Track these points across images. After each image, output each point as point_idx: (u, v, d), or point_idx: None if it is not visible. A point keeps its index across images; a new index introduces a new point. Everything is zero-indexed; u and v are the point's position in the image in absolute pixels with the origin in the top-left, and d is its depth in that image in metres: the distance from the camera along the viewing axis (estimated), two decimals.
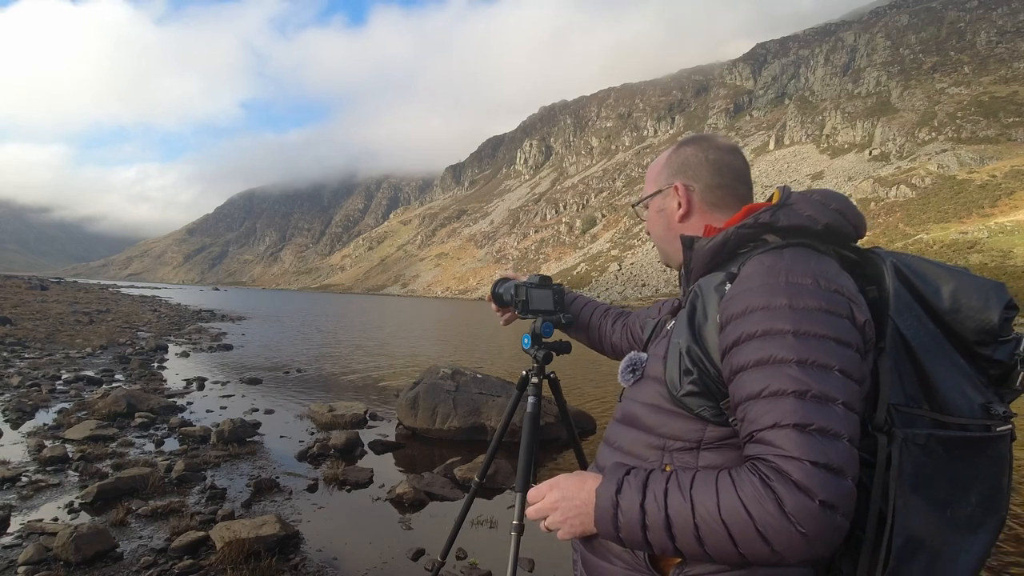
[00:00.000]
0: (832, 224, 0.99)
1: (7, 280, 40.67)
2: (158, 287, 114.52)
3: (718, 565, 0.88)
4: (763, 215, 1.01)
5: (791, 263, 0.92)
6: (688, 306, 1.01)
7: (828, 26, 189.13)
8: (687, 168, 1.17)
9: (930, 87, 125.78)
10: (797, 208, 1.01)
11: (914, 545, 0.86)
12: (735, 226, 1.02)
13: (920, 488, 0.87)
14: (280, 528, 3.39)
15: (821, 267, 0.92)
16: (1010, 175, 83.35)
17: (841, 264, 0.98)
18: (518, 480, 1.98)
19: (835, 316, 0.87)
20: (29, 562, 2.94)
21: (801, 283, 0.89)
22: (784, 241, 0.98)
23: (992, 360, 0.95)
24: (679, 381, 0.96)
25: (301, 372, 10.97)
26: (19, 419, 5.98)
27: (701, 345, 0.95)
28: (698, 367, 0.95)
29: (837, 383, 0.83)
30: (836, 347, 0.85)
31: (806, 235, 0.99)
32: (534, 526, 1.08)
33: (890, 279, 0.96)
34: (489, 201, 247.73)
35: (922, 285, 0.96)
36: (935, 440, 0.89)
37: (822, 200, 1.02)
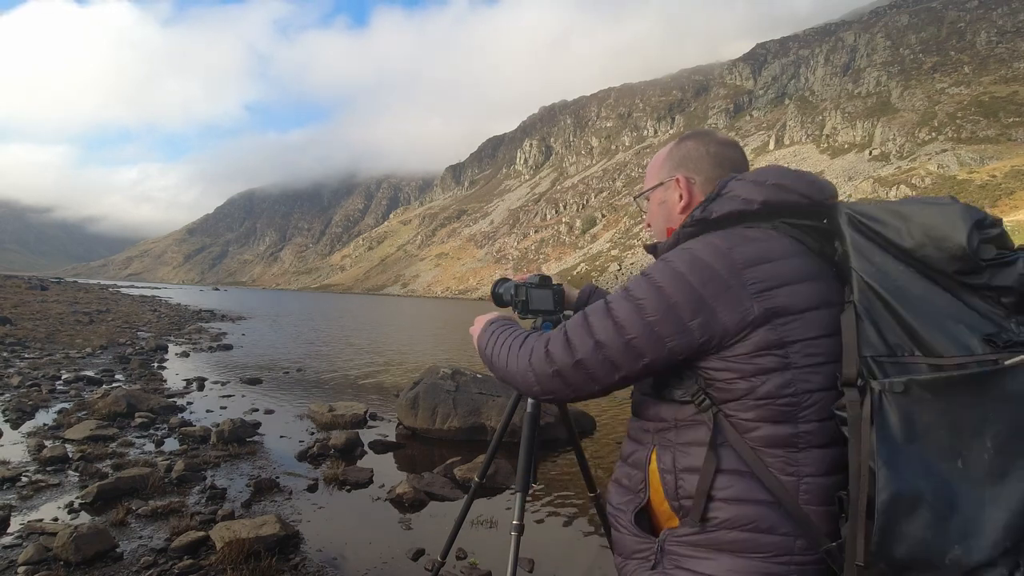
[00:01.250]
0: (770, 200, 1.00)
1: (7, 280, 40.66)
2: (158, 287, 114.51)
3: (700, 528, 0.97)
4: (696, 211, 1.06)
5: (695, 240, 1.04)
6: None
7: (828, 26, 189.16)
8: (688, 161, 1.19)
9: (930, 87, 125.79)
10: (731, 194, 1.03)
11: (908, 501, 0.81)
12: (680, 226, 1.09)
13: (914, 438, 0.83)
14: (280, 528, 3.39)
15: (716, 239, 1.00)
16: (1010, 175, 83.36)
17: (799, 233, 1.01)
18: (518, 480, 1.98)
19: (684, 283, 0.96)
20: (29, 562, 2.93)
21: (686, 248, 1.01)
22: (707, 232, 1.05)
23: (993, 287, 0.87)
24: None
25: (301, 372, 10.97)
26: (19, 419, 5.98)
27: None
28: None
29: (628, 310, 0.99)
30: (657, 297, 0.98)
31: (745, 219, 1.03)
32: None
33: (847, 231, 0.95)
34: (489, 201, 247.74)
35: (881, 228, 0.93)
36: (918, 385, 0.84)
37: (756, 179, 1.03)
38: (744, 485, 0.96)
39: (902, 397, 0.84)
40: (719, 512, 0.97)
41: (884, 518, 0.81)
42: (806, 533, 0.93)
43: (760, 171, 1.06)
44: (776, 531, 0.94)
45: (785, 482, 0.94)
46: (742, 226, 1.03)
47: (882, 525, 0.82)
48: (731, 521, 0.96)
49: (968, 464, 0.82)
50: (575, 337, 1.03)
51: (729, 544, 0.96)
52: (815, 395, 0.94)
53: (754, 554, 0.94)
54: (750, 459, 0.96)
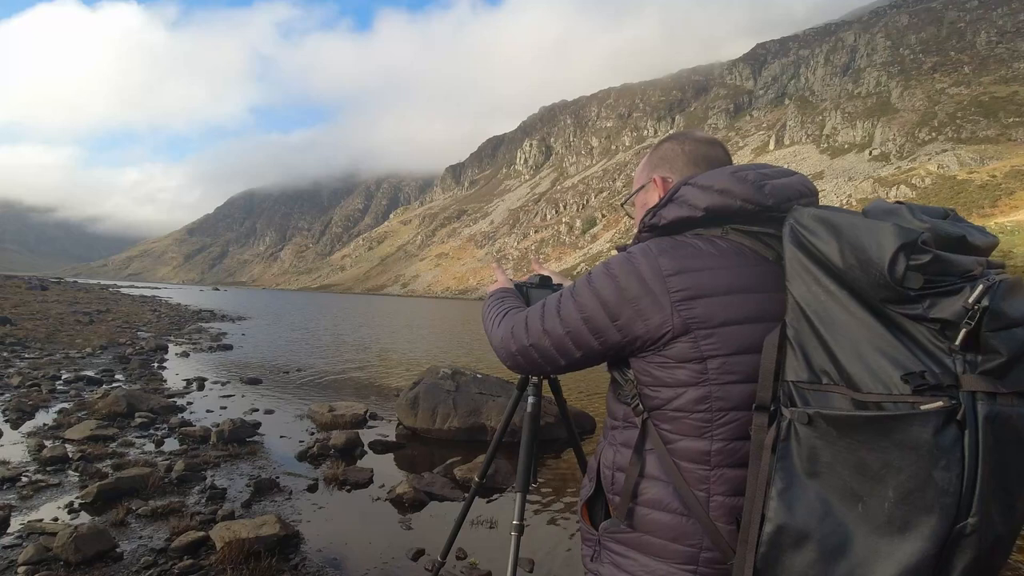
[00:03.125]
0: (713, 206, 0.97)
1: (7, 280, 40.65)
2: (158, 287, 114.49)
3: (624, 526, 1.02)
4: (646, 216, 1.07)
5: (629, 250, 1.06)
6: None
7: (828, 26, 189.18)
8: (665, 162, 1.19)
9: (930, 87, 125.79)
10: (681, 199, 1.01)
11: (794, 535, 0.78)
12: (637, 232, 1.13)
13: (816, 474, 0.78)
14: (280, 528, 3.38)
15: (657, 245, 1.01)
16: (1010, 175, 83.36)
17: (749, 242, 0.97)
18: (518, 480, 1.98)
19: (611, 279, 1.00)
20: (29, 562, 2.93)
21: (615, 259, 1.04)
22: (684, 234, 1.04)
23: (931, 319, 0.75)
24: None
25: (301, 372, 10.97)
26: (19, 419, 5.97)
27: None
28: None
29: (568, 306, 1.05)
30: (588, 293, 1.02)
31: (692, 225, 1.01)
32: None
33: (787, 243, 0.88)
34: (489, 201, 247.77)
35: (817, 242, 0.83)
36: (823, 419, 0.77)
37: (706, 183, 0.99)
38: (662, 492, 0.99)
39: (807, 429, 0.78)
40: (640, 514, 1.00)
41: (767, 548, 0.80)
42: (715, 547, 0.94)
43: (713, 173, 1.00)
44: (685, 541, 0.96)
45: (698, 496, 0.95)
46: (691, 232, 1.01)
47: (765, 554, 0.80)
48: (648, 524, 0.99)
49: (867, 510, 0.75)
50: (532, 322, 1.11)
51: (646, 545, 0.99)
52: (730, 413, 0.93)
53: (664, 559, 0.98)
54: (668, 468, 0.98)
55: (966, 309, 0.73)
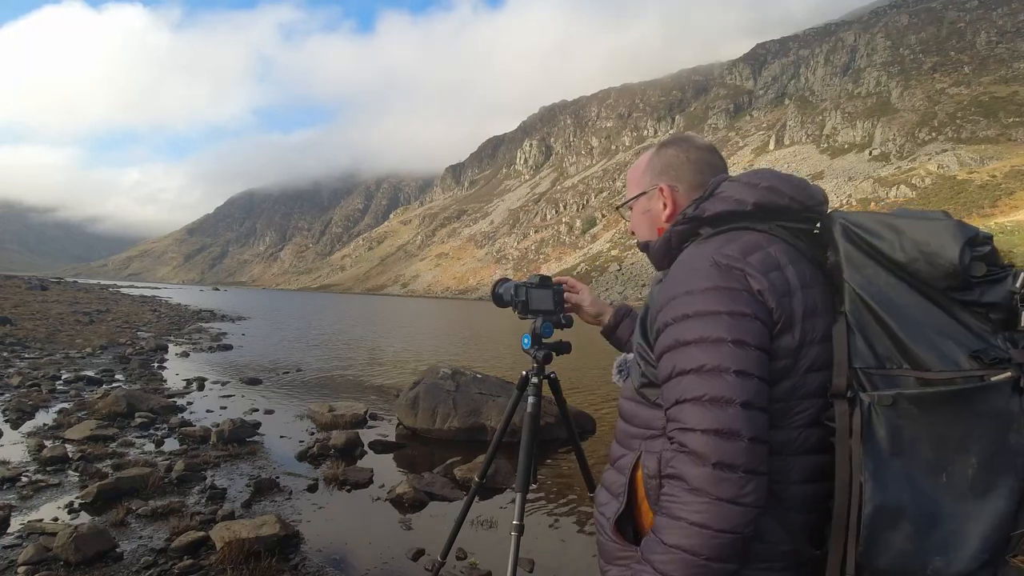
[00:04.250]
0: (761, 202, 1.01)
1: (7, 280, 40.66)
2: (158, 287, 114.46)
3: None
4: (688, 210, 1.06)
5: (699, 250, 1.00)
6: (643, 306, 1.10)
7: (828, 26, 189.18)
8: (670, 169, 1.19)
9: (930, 87, 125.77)
10: (724, 194, 1.03)
11: (891, 513, 0.82)
12: (671, 225, 1.10)
13: (900, 452, 0.84)
14: (280, 528, 3.38)
15: (729, 247, 0.97)
16: (1010, 175, 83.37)
17: (792, 237, 1.01)
18: (518, 480, 1.98)
19: (728, 291, 0.92)
20: (29, 562, 2.93)
21: (698, 267, 0.96)
22: (714, 230, 1.03)
23: (983, 304, 0.87)
24: (638, 374, 1.08)
25: (301, 372, 10.97)
26: (19, 419, 5.97)
27: (646, 339, 1.05)
28: (644, 360, 1.05)
29: (728, 354, 0.88)
30: (728, 320, 0.90)
31: (737, 219, 1.02)
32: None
33: (840, 241, 0.96)
34: (489, 201, 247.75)
35: (875, 240, 0.93)
36: (906, 399, 0.84)
37: (751, 181, 1.03)
38: None
39: (890, 410, 0.84)
40: None
41: (869, 530, 0.83)
42: (790, 540, 0.93)
43: (752, 173, 1.06)
44: (761, 538, 0.92)
45: (773, 489, 0.92)
46: (738, 228, 1.02)
47: (867, 536, 0.83)
48: None
49: (952, 479, 0.84)
50: (710, 388, 0.88)
51: None
52: (806, 402, 0.95)
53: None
54: None
55: (1012, 293, 0.86)
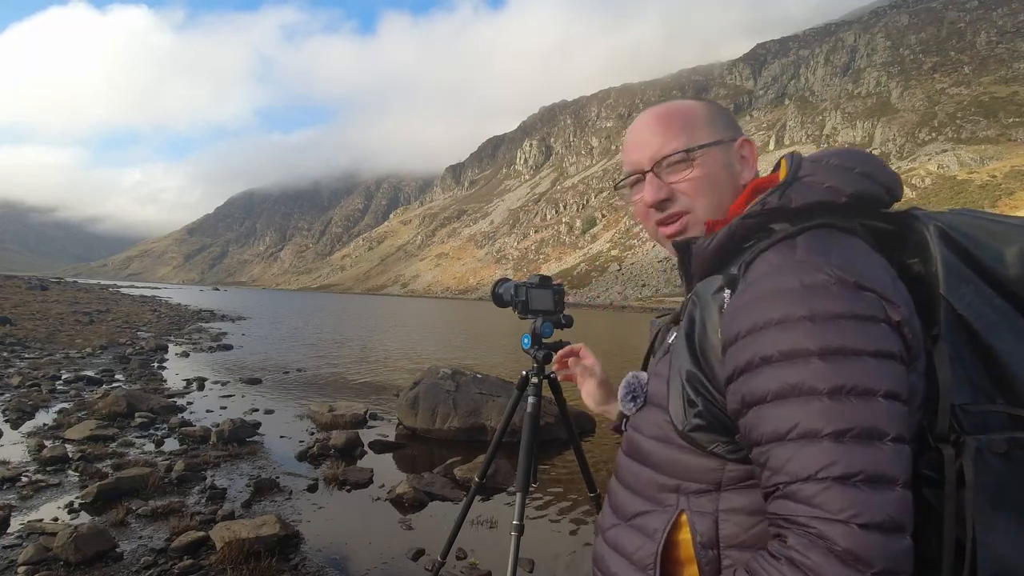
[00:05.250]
0: (859, 193, 0.78)
1: (7, 280, 40.67)
2: (158, 287, 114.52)
3: None
4: (771, 198, 0.79)
5: (804, 258, 0.72)
6: (686, 319, 0.83)
7: (828, 26, 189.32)
8: (735, 128, 0.93)
9: (930, 87, 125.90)
10: (813, 181, 0.79)
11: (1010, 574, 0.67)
12: (739, 217, 0.81)
13: (1005, 504, 0.69)
14: (280, 528, 3.38)
15: (842, 257, 0.72)
16: (1010, 175, 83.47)
17: (873, 240, 0.79)
18: (518, 480, 1.98)
19: (866, 322, 0.67)
20: (29, 562, 2.93)
21: (820, 284, 0.69)
22: (796, 227, 0.77)
23: None
24: (683, 413, 0.79)
25: (301, 372, 10.97)
26: (19, 419, 5.98)
27: (704, 368, 0.78)
28: (703, 396, 0.77)
29: (883, 412, 0.64)
30: (875, 364, 0.66)
31: (826, 213, 0.78)
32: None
33: (936, 248, 0.76)
34: (489, 201, 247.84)
35: (978, 251, 0.75)
36: (1019, 445, 0.69)
37: (843, 164, 0.80)
38: None
39: (1000, 457, 0.69)
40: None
41: None
42: None
43: (842, 154, 0.82)
44: None
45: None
46: (823, 225, 0.77)
47: None
48: None
49: None
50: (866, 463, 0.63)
51: None
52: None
53: None
54: None
55: None
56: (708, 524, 0.77)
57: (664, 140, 0.89)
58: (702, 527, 0.78)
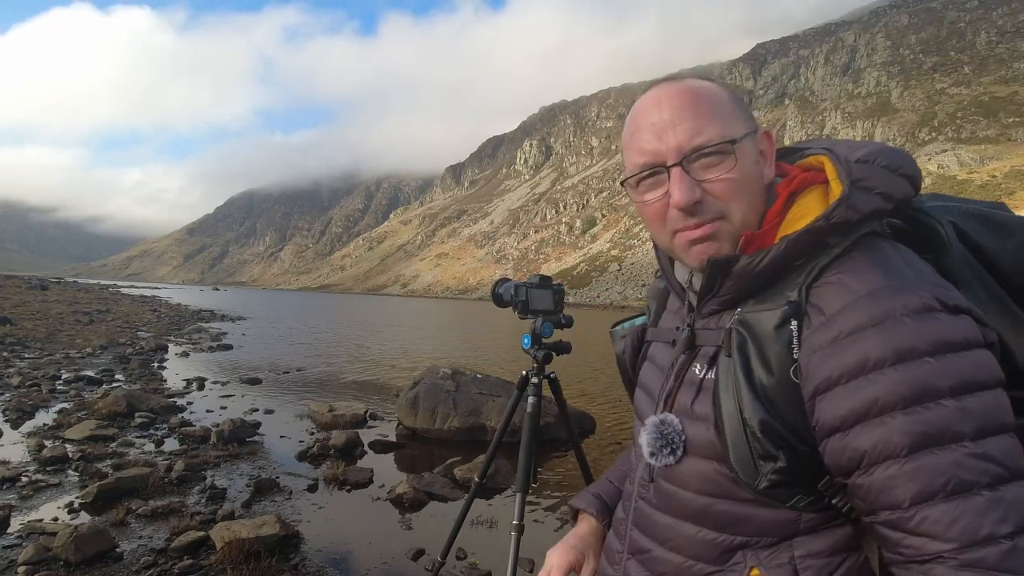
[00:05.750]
0: (904, 198, 0.73)
1: (7, 280, 40.68)
2: (158, 287, 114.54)
3: None
4: (838, 211, 0.69)
5: (898, 279, 0.66)
6: (737, 355, 0.72)
7: (828, 26, 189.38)
8: (753, 118, 0.80)
9: (930, 87, 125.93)
10: (868, 186, 0.71)
11: None
12: (798, 233, 0.70)
13: None
14: (280, 528, 3.38)
15: (928, 274, 0.68)
16: (1010, 175, 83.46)
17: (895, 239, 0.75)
18: (518, 480, 1.99)
19: (978, 349, 0.63)
20: (29, 562, 2.93)
21: (925, 308, 0.63)
22: (850, 239, 0.70)
23: None
24: (754, 467, 0.69)
25: (301, 372, 10.97)
26: (19, 419, 5.98)
27: (781, 416, 0.68)
28: (785, 449, 0.68)
29: (1015, 449, 0.60)
30: (996, 396, 0.61)
31: (874, 220, 0.72)
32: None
33: (953, 244, 0.73)
34: (489, 201, 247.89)
35: (989, 243, 0.74)
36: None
37: (889, 164, 0.73)
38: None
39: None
40: None
41: None
42: None
43: (881, 152, 0.74)
44: None
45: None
46: (871, 234, 0.72)
47: None
48: None
49: None
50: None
51: None
52: None
53: None
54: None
55: None
56: (788, 574, 0.70)
57: (695, 126, 0.73)
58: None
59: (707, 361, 0.78)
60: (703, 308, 0.80)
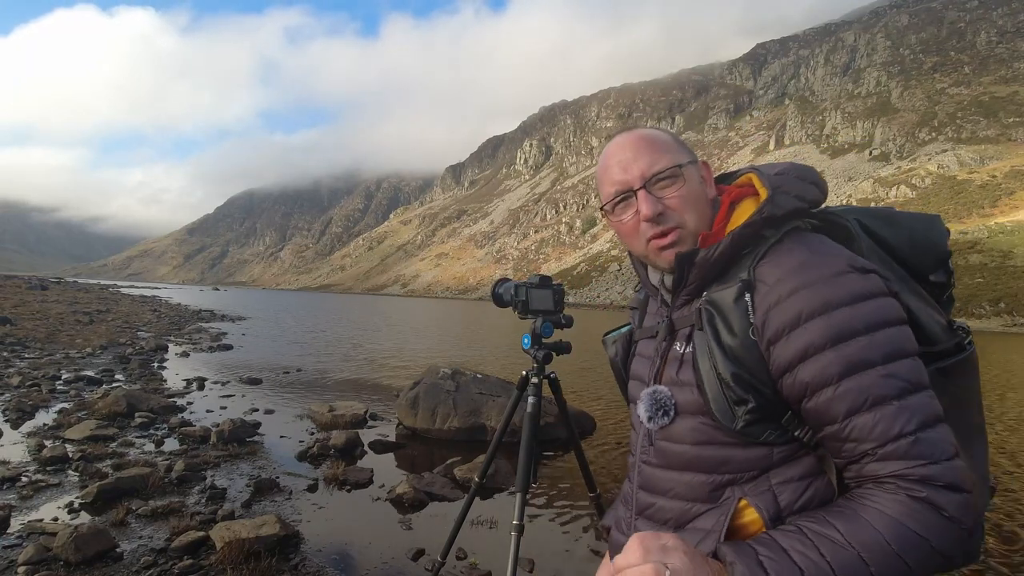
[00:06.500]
0: (815, 199, 0.97)
1: (7, 280, 40.67)
2: (158, 287, 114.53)
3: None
4: (765, 208, 0.93)
5: (818, 253, 0.88)
6: (708, 328, 0.92)
7: (828, 26, 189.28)
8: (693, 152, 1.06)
9: (930, 87, 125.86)
10: (788, 191, 0.95)
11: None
12: (741, 226, 0.93)
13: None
14: (280, 528, 3.38)
15: (838, 249, 0.90)
16: (1010, 175, 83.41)
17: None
18: (518, 480, 1.99)
19: (883, 297, 0.84)
20: (29, 562, 2.93)
21: (843, 271, 0.85)
22: (781, 231, 0.93)
23: (937, 284, 0.98)
24: (732, 412, 0.88)
25: (301, 372, 10.96)
26: (19, 419, 5.97)
27: (747, 367, 0.87)
28: (753, 392, 0.87)
29: (919, 367, 0.82)
30: (901, 329, 0.83)
31: (795, 218, 0.96)
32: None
33: (860, 236, 0.96)
34: (489, 201, 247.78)
35: (887, 234, 0.97)
36: (937, 373, 0.88)
37: (800, 176, 0.98)
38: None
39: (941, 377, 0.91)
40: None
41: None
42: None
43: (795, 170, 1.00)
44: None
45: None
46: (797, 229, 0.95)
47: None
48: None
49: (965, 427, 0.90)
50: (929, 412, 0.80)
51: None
52: None
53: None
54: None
55: (949, 273, 0.99)
56: (769, 499, 0.88)
57: (652, 159, 0.98)
58: (765, 503, 0.88)
59: (685, 339, 0.99)
60: (676, 300, 1.02)
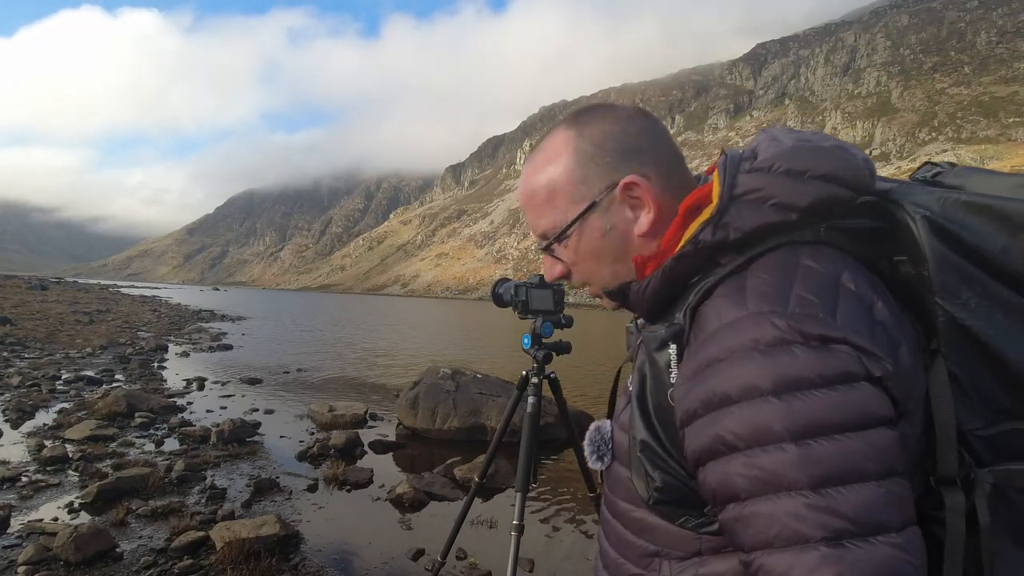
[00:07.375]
0: (816, 204, 0.62)
1: (7, 280, 40.69)
2: (158, 287, 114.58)
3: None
4: (704, 233, 0.65)
5: (756, 306, 0.59)
6: (636, 374, 0.71)
7: (828, 26, 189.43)
8: (632, 153, 0.72)
9: (930, 87, 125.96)
10: (756, 198, 0.63)
11: None
12: (671, 259, 0.68)
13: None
14: (280, 528, 3.38)
15: (805, 294, 0.58)
16: None
17: (849, 241, 0.65)
18: (518, 480, 1.99)
19: (841, 387, 0.54)
20: (29, 562, 2.93)
21: (778, 341, 0.56)
22: (745, 256, 0.64)
23: None
24: (645, 484, 0.68)
25: (301, 372, 10.96)
26: (19, 419, 5.97)
27: (661, 438, 0.66)
28: (661, 471, 0.66)
29: (880, 500, 0.52)
30: (859, 441, 0.53)
31: (777, 233, 0.64)
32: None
33: (927, 244, 0.61)
34: (489, 201, 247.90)
35: (978, 241, 0.60)
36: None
37: (792, 167, 0.63)
38: None
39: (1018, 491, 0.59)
40: None
41: None
42: None
43: (788, 155, 0.64)
44: None
45: None
46: (785, 246, 0.63)
47: None
48: None
49: None
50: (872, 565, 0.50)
51: None
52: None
53: None
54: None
55: None
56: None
57: (535, 222, 0.78)
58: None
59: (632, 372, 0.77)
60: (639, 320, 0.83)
